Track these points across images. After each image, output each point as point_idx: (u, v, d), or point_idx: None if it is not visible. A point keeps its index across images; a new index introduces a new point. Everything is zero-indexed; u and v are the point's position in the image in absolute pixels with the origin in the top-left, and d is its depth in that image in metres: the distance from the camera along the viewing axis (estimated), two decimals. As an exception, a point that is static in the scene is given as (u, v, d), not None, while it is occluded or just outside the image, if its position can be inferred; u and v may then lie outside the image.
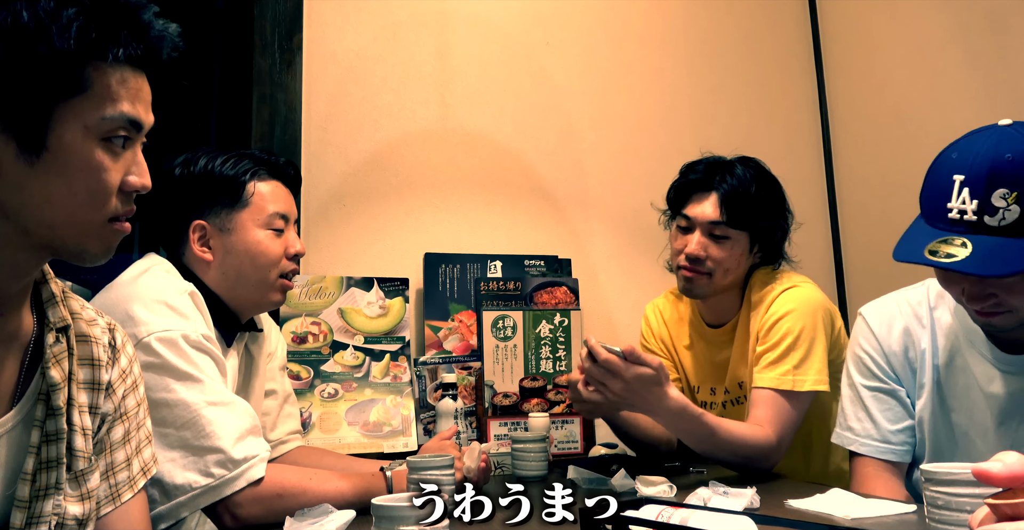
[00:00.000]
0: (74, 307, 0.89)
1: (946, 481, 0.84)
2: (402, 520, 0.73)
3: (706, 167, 1.57)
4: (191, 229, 1.30)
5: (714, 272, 1.53)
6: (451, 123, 2.08)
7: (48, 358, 0.82)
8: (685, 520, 0.83)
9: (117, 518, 0.91)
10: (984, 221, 1.00)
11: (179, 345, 1.12)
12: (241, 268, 1.30)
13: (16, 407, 0.80)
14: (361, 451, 1.67)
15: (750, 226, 1.53)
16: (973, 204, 1.00)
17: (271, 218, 1.32)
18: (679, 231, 1.58)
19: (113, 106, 0.74)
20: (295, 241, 1.36)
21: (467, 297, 1.94)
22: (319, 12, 1.98)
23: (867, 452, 1.26)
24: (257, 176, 1.33)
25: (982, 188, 1.00)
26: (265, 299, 1.34)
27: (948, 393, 1.21)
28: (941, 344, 1.23)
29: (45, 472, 0.80)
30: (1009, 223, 0.98)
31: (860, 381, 1.28)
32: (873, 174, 2.29)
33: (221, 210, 1.30)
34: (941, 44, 2.01)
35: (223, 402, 1.13)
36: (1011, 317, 1.06)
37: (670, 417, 1.34)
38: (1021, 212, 0.98)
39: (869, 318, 1.29)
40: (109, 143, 0.75)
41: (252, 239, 1.30)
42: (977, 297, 1.05)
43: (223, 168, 1.31)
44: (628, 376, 1.28)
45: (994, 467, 0.59)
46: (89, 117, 0.73)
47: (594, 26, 2.25)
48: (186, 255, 1.31)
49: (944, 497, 0.84)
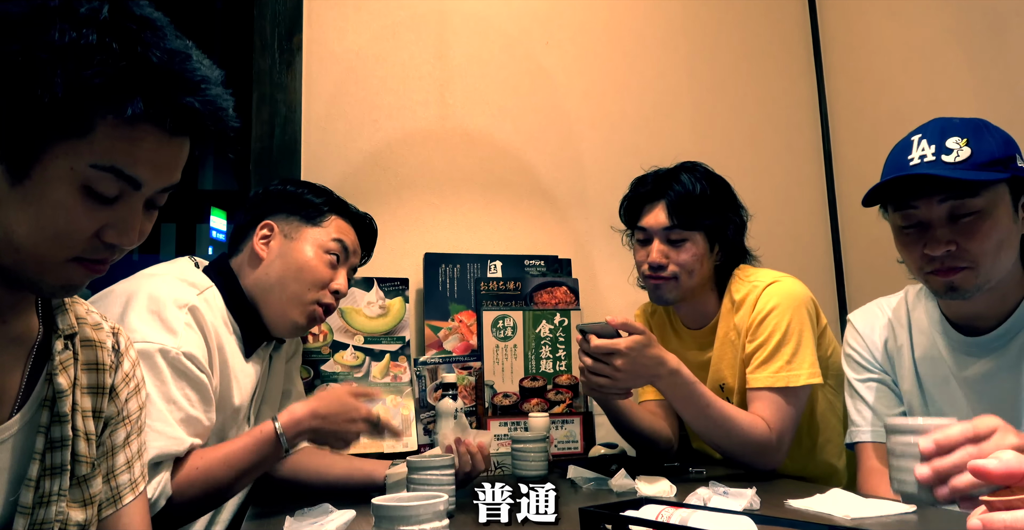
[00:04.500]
0: (79, 312, 0.89)
1: (904, 430, 0.88)
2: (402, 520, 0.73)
3: (654, 179, 1.62)
4: (260, 226, 1.37)
5: (679, 275, 1.56)
6: (451, 123, 2.08)
7: (56, 365, 0.82)
8: (685, 520, 0.83)
9: (118, 521, 0.91)
10: (942, 159, 1.12)
11: (153, 359, 1.13)
12: (284, 276, 1.34)
13: (20, 412, 0.79)
14: (361, 451, 1.67)
15: (702, 225, 1.56)
16: (932, 148, 1.14)
17: (332, 244, 1.39)
18: (638, 244, 1.63)
19: (108, 157, 0.71)
20: (343, 280, 1.40)
21: (467, 297, 1.94)
22: (319, 12, 1.98)
23: (870, 438, 1.33)
24: (338, 212, 1.42)
25: (937, 136, 1.14)
26: (288, 316, 1.35)
27: (928, 383, 1.29)
28: (918, 339, 1.32)
29: (49, 478, 0.80)
30: (963, 159, 1.11)
31: (853, 376, 1.38)
32: (873, 174, 2.27)
33: (294, 220, 1.38)
34: (941, 44, 2.01)
35: (160, 428, 1.11)
36: (970, 275, 1.14)
37: (671, 381, 1.40)
38: (972, 152, 1.11)
39: (855, 321, 1.42)
40: (93, 191, 0.72)
41: (306, 253, 1.36)
42: (940, 241, 1.13)
43: (311, 195, 1.42)
44: (624, 348, 1.36)
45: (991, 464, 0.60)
46: (78, 161, 0.71)
47: (594, 26, 2.25)
48: (240, 254, 1.37)
49: (901, 446, 0.88)
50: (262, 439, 1.19)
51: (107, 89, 0.69)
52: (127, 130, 0.72)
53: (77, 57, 0.68)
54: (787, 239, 2.32)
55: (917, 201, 1.16)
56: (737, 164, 2.09)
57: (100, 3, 0.70)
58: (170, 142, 0.75)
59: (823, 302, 1.87)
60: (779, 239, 2.24)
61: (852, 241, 2.36)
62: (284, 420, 1.20)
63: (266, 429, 1.20)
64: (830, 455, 1.61)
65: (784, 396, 1.46)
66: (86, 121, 0.70)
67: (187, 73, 0.73)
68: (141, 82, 0.70)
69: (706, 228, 1.57)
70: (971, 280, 1.14)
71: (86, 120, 0.70)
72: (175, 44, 0.73)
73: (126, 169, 0.73)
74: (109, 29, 0.69)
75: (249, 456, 1.18)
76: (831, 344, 1.61)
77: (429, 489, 1.13)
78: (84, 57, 0.68)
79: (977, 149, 1.11)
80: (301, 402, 1.26)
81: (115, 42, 0.69)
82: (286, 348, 1.50)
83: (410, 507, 0.73)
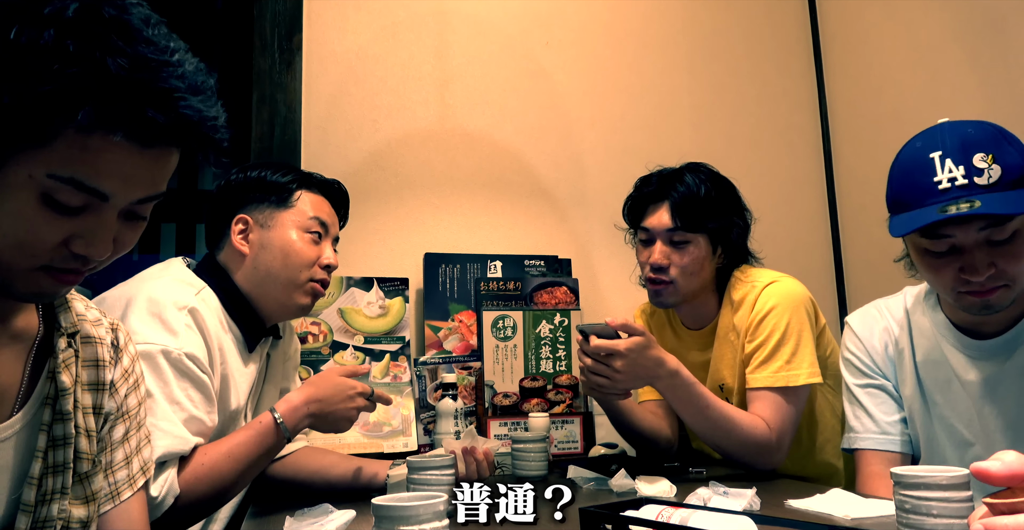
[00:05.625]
0: (79, 308, 0.89)
1: (913, 484, 0.84)
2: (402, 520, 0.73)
3: (658, 179, 1.61)
4: (234, 222, 1.35)
5: (677, 280, 1.56)
6: (451, 123, 2.08)
7: (59, 363, 0.82)
8: (685, 520, 0.83)
9: (116, 516, 0.91)
10: (975, 182, 1.06)
11: (156, 360, 1.13)
12: (272, 265, 1.34)
13: (22, 410, 0.79)
14: (361, 451, 1.67)
15: (705, 228, 1.56)
16: (961, 169, 1.07)
17: (310, 222, 1.37)
18: (641, 244, 1.63)
19: (67, 168, 0.67)
20: (330, 253, 1.39)
21: (467, 297, 1.94)
22: (319, 12, 1.98)
23: (869, 445, 1.30)
24: (305, 186, 1.40)
25: (962, 155, 1.07)
26: (291, 301, 1.36)
27: (930, 387, 1.27)
28: (918, 342, 1.29)
29: (51, 476, 0.80)
30: (996, 180, 1.05)
31: (852, 381, 1.35)
32: (873, 174, 2.28)
33: (266, 208, 1.37)
34: (941, 44, 2.01)
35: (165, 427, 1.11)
36: (1007, 292, 1.11)
37: (670, 382, 1.40)
38: (1002, 170, 1.06)
39: (853, 324, 1.38)
40: (52, 200, 0.68)
41: (288, 238, 1.35)
42: (980, 267, 1.08)
43: (276, 175, 1.39)
44: (623, 349, 1.36)
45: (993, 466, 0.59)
46: (36, 170, 0.67)
47: (594, 26, 2.25)
48: (224, 251, 1.36)
49: (912, 501, 0.84)
50: (262, 430, 1.20)
51: (55, 96, 0.64)
52: (86, 140, 0.67)
53: (29, 60, 0.63)
54: (787, 239, 2.32)
55: (952, 229, 1.09)
56: (737, 164, 2.08)
57: (69, 1, 0.64)
58: (142, 154, 0.70)
59: (823, 302, 1.87)
60: (779, 239, 2.24)
61: (852, 241, 2.36)
62: (282, 409, 1.22)
63: (265, 420, 1.21)
64: (829, 455, 1.61)
65: (784, 396, 1.46)
66: (47, 129, 0.66)
67: (156, 82, 0.67)
68: (92, 91, 0.64)
69: (709, 231, 1.56)
70: (1007, 297, 1.11)
71: (48, 128, 0.66)
72: (147, 50, 0.67)
73: (87, 181, 0.68)
74: (70, 30, 0.64)
75: (252, 448, 1.18)
76: (830, 344, 1.61)
77: (429, 489, 1.13)
78: (37, 60, 0.63)
79: (1005, 165, 1.06)
80: (295, 390, 1.27)
81: (73, 44, 0.64)
82: (284, 347, 1.50)
83: (410, 507, 0.73)
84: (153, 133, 0.69)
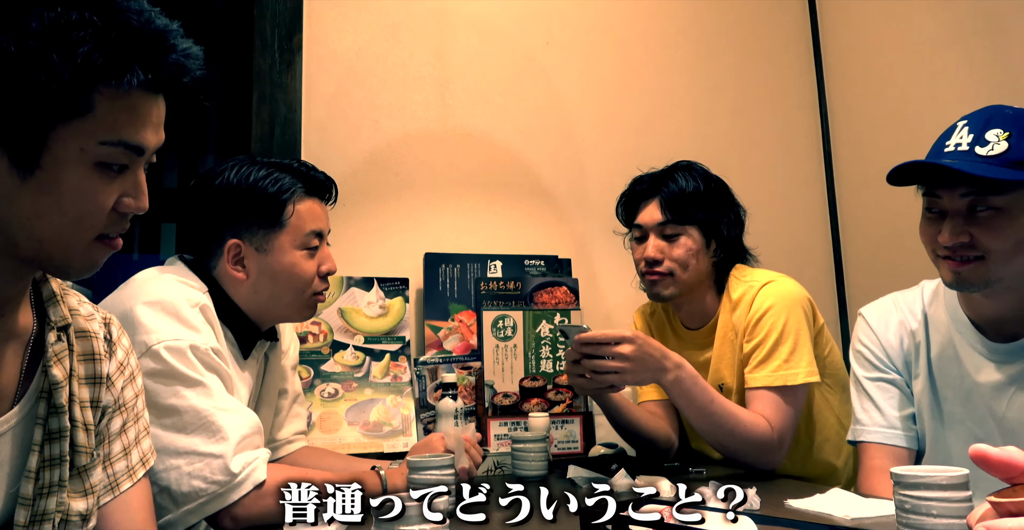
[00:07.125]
0: (72, 303, 0.89)
1: (913, 484, 0.84)
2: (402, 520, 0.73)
3: (650, 178, 1.65)
4: (226, 247, 1.28)
5: (674, 271, 1.58)
6: (451, 123, 2.08)
7: (50, 357, 0.82)
8: (685, 520, 0.83)
9: (116, 508, 0.91)
10: (974, 150, 1.11)
11: (187, 355, 1.13)
12: (275, 289, 1.30)
13: (18, 405, 0.80)
14: (361, 451, 1.67)
15: (695, 220, 1.58)
16: (969, 137, 1.12)
17: (307, 238, 1.31)
18: (635, 242, 1.65)
19: (115, 132, 0.73)
20: (327, 259, 1.35)
21: (467, 297, 1.94)
22: (319, 12, 1.98)
23: (875, 439, 1.29)
24: (296, 196, 1.30)
25: (980, 126, 1.12)
26: (295, 316, 1.38)
27: (942, 383, 1.26)
28: (934, 337, 1.28)
29: (48, 469, 0.80)
30: (996, 154, 1.09)
31: (863, 374, 1.34)
32: (873, 174, 2.28)
33: (259, 231, 1.29)
34: (940, 44, 2.01)
35: (231, 408, 1.14)
36: (982, 268, 1.12)
37: (677, 374, 1.41)
38: (1008, 148, 1.09)
39: (868, 316, 1.36)
40: (106, 166, 0.74)
41: (287, 261, 1.30)
42: (950, 232, 1.12)
43: (264, 184, 1.28)
44: (632, 334, 1.38)
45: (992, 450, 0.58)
46: (87, 141, 0.72)
47: (594, 26, 2.25)
48: (217, 269, 1.30)
49: (912, 501, 0.84)
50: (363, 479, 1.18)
51: (107, 64, 0.69)
52: (126, 100, 0.73)
53: (67, 37, 0.68)
54: (787, 239, 2.31)
55: (940, 190, 1.15)
56: (737, 164, 2.08)
57: None
58: (157, 102, 0.76)
59: (823, 302, 1.87)
60: (779, 239, 2.24)
61: (852, 241, 2.35)
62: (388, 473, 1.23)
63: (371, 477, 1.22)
64: (829, 454, 1.61)
65: (783, 395, 1.46)
66: (85, 99, 0.71)
67: (162, 30, 0.74)
68: (133, 50, 0.71)
69: (700, 223, 1.58)
70: (980, 274, 1.12)
71: (85, 98, 0.71)
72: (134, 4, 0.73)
73: (131, 139, 0.74)
74: (85, 3, 0.70)
75: None
76: (828, 343, 1.61)
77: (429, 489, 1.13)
78: (75, 36, 0.68)
79: (1016, 145, 1.08)
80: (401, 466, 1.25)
81: (95, 15, 0.69)
82: (283, 347, 1.48)
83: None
84: (171, 79, 0.75)
